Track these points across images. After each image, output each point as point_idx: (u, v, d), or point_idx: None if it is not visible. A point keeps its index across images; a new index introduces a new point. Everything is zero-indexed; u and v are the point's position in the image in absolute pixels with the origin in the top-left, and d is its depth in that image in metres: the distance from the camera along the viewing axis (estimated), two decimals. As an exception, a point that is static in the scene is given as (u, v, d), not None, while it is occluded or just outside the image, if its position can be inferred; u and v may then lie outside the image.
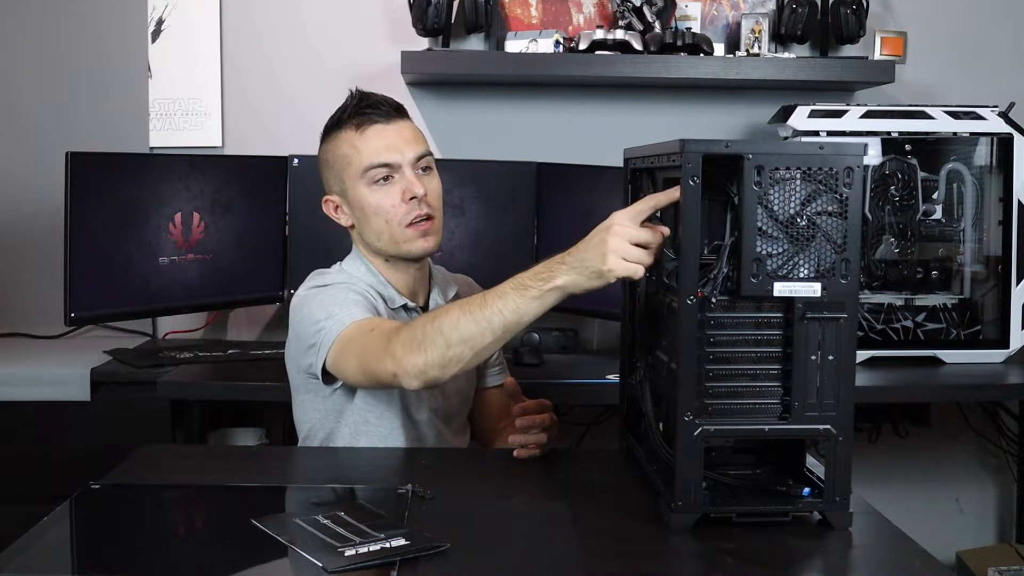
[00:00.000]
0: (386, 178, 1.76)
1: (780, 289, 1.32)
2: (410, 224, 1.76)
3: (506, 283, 1.49)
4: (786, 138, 2.57)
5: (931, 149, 2.63)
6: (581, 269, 1.43)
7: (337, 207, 1.84)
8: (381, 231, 1.78)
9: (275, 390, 2.15)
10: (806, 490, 1.39)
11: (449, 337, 1.48)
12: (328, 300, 1.71)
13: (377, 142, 1.76)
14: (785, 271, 1.32)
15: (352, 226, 1.83)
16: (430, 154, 1.81)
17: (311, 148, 2.87)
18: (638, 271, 1.40)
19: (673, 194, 1.35)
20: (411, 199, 1.75)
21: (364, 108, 1.78)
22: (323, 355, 1.66)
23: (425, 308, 1.86)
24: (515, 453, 1.66)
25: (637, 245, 1.40)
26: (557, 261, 1.46)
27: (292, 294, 2.03)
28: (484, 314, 1.47)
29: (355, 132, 1.78)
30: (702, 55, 2.73)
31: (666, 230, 1.42)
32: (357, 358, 1.61)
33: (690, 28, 2.80)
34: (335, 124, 1.82)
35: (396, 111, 1.80)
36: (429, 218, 1.77)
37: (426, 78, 2.84)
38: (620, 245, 1.39)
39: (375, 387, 1.69)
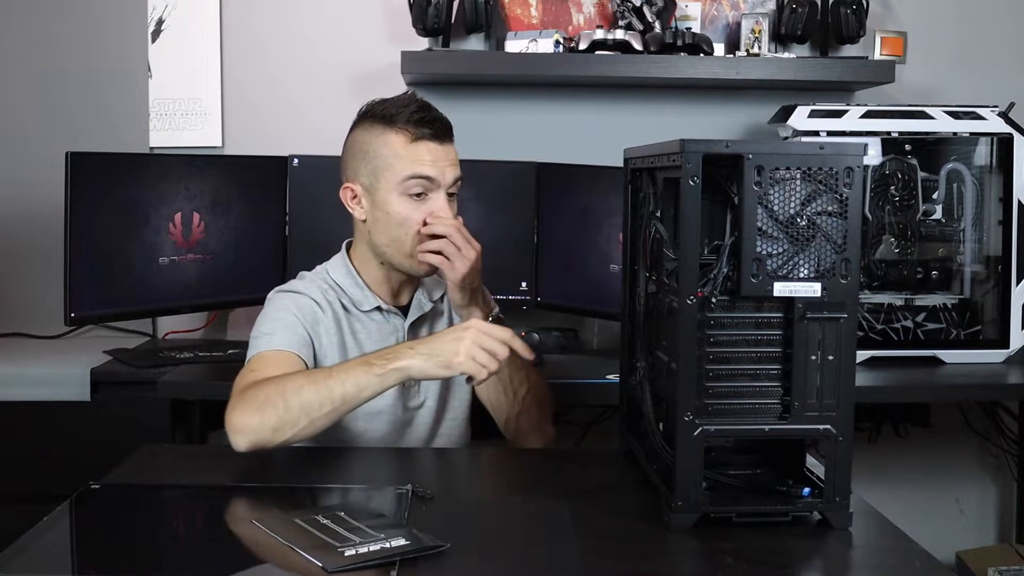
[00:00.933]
0: (421, 194, 1.77)
1: (780, 289, 1.32)
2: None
3: (355, 358, 1.62)
4: (786, 138, 2.57)
5: (931, 149, 2.63)
6: (429, 356, 1.55)
7: (356, 197, 1.82)
8: (396, 239, 1.79)
9: (275, 390, 2.14)
10: (806, 490, 1.39)
11: (290, 401, 1.55)
12: (270, 317, 1.78)
13: (426, 156, 1.77)
14: (785, 271, 1.32)
15: (364, 220, 1.83)
16: (460, 181, 1.83)
17: (311, 148, 2.87)
18: (482, 373, 1.55)
19: (527, 352, 1.61)
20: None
21: (426, 120, 1.77)
22: None
23: (406, 309, 1.86)
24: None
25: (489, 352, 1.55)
26: (407, 345, 1.59)
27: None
28: (327, 384, 1.55)
29: (408, 139, 1.77)
30: (702, 55, 2.73)
31: (520, 350, 1.58)
32: (233, 387, 1.67)
33: (690, 28, 2.80)
34: (385, 119, 1.78)
35: (448, 133, 1.81)
36: None
37: (426, 78, 2.84)
38: (473, 346, 1.54)
39: None
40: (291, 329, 1.75)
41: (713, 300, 1.33)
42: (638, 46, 2.72)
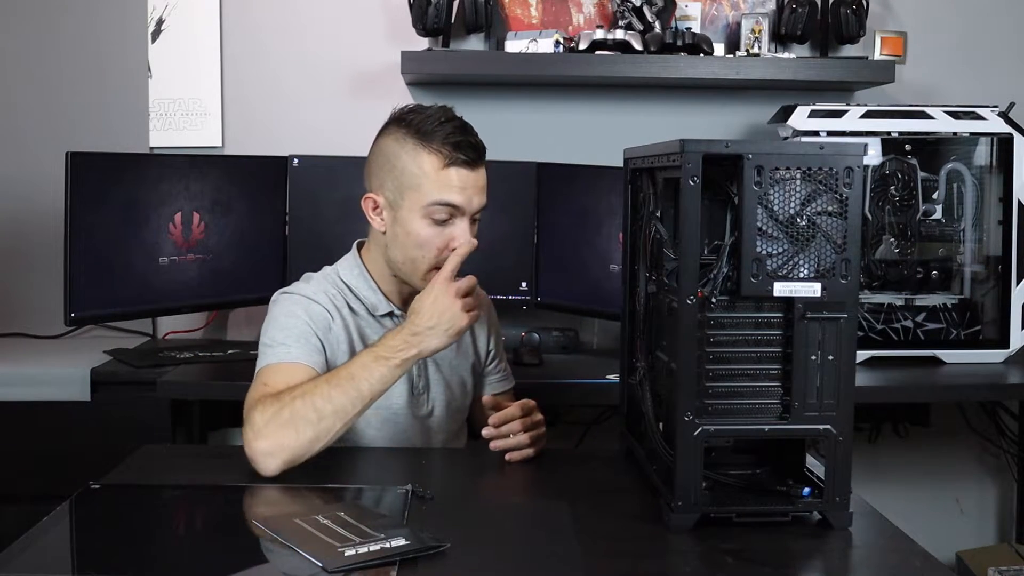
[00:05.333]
0: (444, 219, 1.71)
1: (780, 289, 1.32)
2: (439, 267, 1.73)
3: (363, 356, 1.62)
4: (786, 138, 2.57)
5: (931, 149, 2.63)
6: (439, 332, 1.61)
7: (378, 208, 1.77)
8: (410, 258, 1.75)
9: (275, 390, 2.14)
10: (806, 490, 1.39)
11: (323, 410, 1.55)
12: (279, 323, 1.74)
13: (456, 182, 1.70)
14: (785, 271, 1.32)
15: (383, 232, 1.78)
16: (486, 206, 1.78)
17: (311, 148, 2.87)
18: (477, 316, 1.66)
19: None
20: (453, 250, 1.72)
21: (462, 145, 1.71)
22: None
23: None
24: (507, 457, 1.66)
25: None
26: (408, 333, 1.61)
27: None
28: (354, 384, 1.58)
29: (441, 163, 1.69)
30: (702, 55, 2.73)
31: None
32: (245, 405, 1.64)
33: (690, 28, 2.80)
34: (420, 134, 1.71)
35: (481, 157, 1.74)
36: None
37: (426, 78, 2.84)
38: (456, 302, 1.62)
39: None
40: (304, 338, 1.71)
41: (713, 300, 1.33)
42: (638, 46, 2.72)
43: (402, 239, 1.74)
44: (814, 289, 1.32)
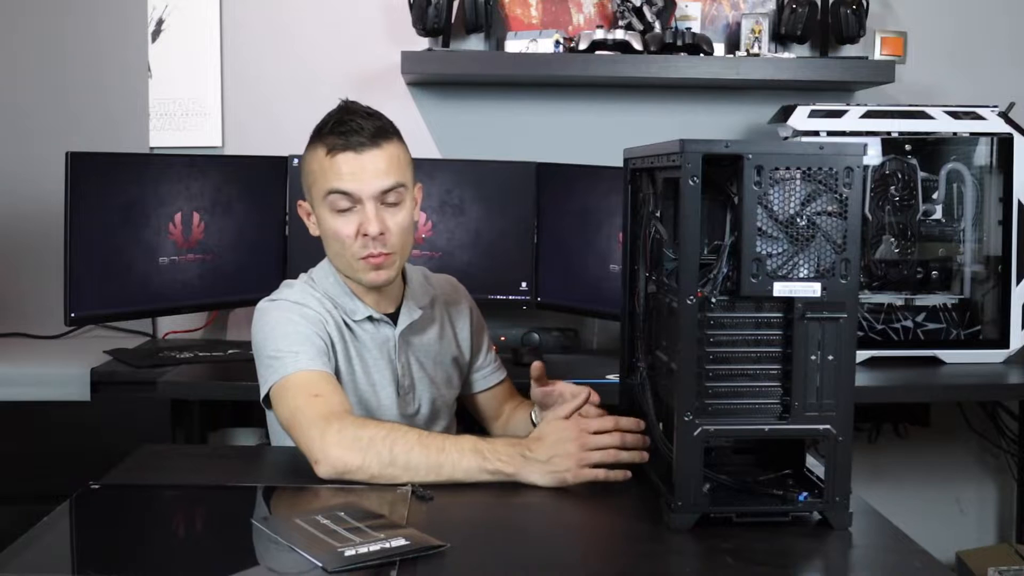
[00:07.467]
0: (346, 208, 1.72)
1: (780, 289, 1.32)
2: (363, 258, 1.74)
3: (468, 440, 1.55)
4: (786, 138, 2.57)
5: (931, 149, 2.64)
6: (544, 470, 1.51)
7: (309, 214, 1.82)
8: (336, 255, 1.78)
9: (275, 390, 2.14)
10: (802, 495, 1.38)
11: (396, 459, 1.51)
12: (280, 332, 1.71)
13: (343, 169, 1.70)
14: (785, 271, 1.32)
15: (318, 236, 1.81)
16: (402, 186, 1.74)
17: (311, 148, 2.83)
18: (599, 476, 1.50)
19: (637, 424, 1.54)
20: (364, 235, 1.72)
21: (341, 131, 1.71)
22: (264, 391, 1.69)
23: (395, 317, 1.83)
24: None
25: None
26: (521, 452, 1.52)
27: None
28: (438, 459, 1.52)
29: (326, 153, 1.71)
30: (702, 55, 2.73)
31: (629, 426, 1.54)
32: (289, 414, 1.62)
33: (690, 28, 2.80)
34: (315, 133, 1.76)
35: (373, 139, 1.71)
36: (386, 253, 1.74)
37: (426, 78, 2.84)
38: (584, 455, 1.50)
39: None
40: (311, 343, 1.70)
41: (713, 300, 1.33)
42: (638, 46, 2.72)
43: (324, 237, 1.78)
44: (814, 289, 1.32)
